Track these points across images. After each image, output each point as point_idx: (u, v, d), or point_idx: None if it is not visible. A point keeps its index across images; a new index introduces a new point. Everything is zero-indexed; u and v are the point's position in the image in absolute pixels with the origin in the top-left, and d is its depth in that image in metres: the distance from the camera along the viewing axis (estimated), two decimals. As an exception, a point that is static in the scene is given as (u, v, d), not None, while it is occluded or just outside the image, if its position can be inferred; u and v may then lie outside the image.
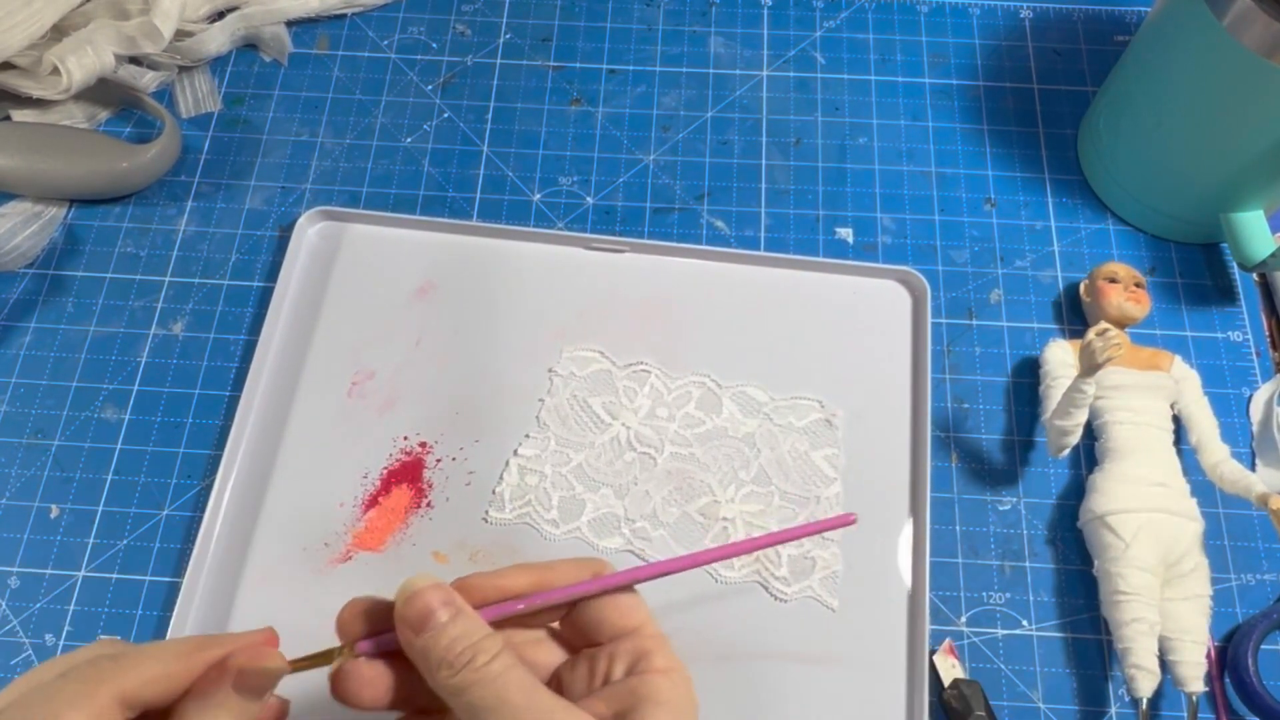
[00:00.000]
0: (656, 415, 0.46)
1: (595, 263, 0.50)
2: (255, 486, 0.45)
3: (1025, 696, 0.42)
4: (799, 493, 0.45)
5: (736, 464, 0.46)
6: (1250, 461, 0.47)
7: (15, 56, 0.52)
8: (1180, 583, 0.41)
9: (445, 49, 0.57)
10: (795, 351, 0.48)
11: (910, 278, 0.49)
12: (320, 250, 0.50)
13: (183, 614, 0.42)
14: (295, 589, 0.43)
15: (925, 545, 0.43)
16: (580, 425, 0.46)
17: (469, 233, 0.51)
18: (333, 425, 0.46)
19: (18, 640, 0.42)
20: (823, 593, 0.43)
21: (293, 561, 0.43)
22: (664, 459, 0.46)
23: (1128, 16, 0.59)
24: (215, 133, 0.54)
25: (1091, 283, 0.48)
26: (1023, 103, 0.56)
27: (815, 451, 0.46)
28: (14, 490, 0.45)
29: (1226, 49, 0.42)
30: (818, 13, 0.59)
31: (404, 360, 0.48)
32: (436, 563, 0.43)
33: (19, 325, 0.49)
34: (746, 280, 0.50)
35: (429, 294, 0.49)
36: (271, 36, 0.56)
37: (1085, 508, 0.44)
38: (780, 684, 0.41)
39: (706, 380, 0.47)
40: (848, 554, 0.44)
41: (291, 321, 0.48)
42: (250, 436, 0.46)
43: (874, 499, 0.45)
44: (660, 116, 0.55)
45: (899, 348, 0.48)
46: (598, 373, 0.47)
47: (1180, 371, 0.46)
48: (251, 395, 0.46)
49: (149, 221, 0.52)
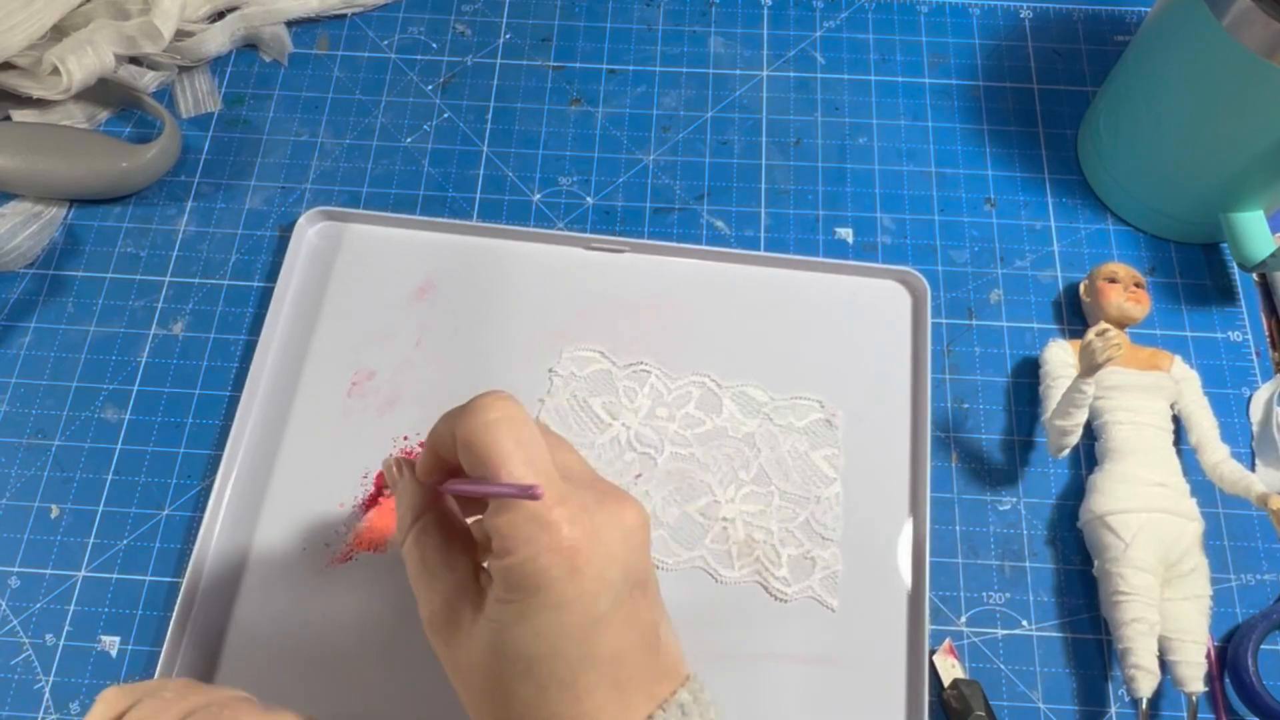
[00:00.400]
0: (656, 415, 0.46)
1: (595, 263, 0.50)
2: (256, 487, 0.45)
3: (1025, 696, 0.42)
4: (799, 493, 0.45)
5: (736, 464, 0.46)
6: (1250, 461, 0.47)
7: (15, 56, 0.52)
8: (1180, 583, 0.41)
9: (445, 49, 0.57)
10: (795, 352, 0.48)
11: (910, 278, 0.49)
12: (320, 250, 0.50)
13: (182, 615, 0.42)
14: (296, 589, 0.43)
15: (925, 545, 0.43)
16: (580, 425, 0.46)
17: (469, 233, 0.51)
18: (333, 425, 0.46)
19: (18, 640, 0.42)
20: (823, 593, 0.43)
21: (293, 562, 0.43)
22: (664, 459, 0.46)
23: (1128, 16, 0.59)
24: (215, 133, 0.54)
25: (1091, 283, 0.48)
26: (1023, 103, 0.56)
27: (815, 451, 0.46)
28: (14, 490, 0.45)
29: (1226, 49, 0.42)
30: (818, 13, 0.59)
31: (404, 360, 0.48)
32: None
33: (19, 325, 0.49)
34: (746, 280, 0.50)
35: (429, 294, 0.49)
36: (271, 36, 0.56)
37: (1085, 508, 0.44)
38: (780, 684, 0.41)
39: (706, 380, 0.47)
40: (848, 554, 0.44)
41: (292, 322, 0.48)
42: (250, 437, 0.46)
43: (874, 499, 0.45)
44: (660, 116, 0.55)
45: (899, 348, 0.48)
46: (597, 373, 0.47)
47: (1180, 372, 0.46)
48: (252, 395, 0.46)
49: (149, 221, 0.52)
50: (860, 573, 0.43)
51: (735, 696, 0.41)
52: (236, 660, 0.42)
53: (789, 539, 0.44)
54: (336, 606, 0.43)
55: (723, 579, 0.43)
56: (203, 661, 0.41)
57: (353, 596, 0.43)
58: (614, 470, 0.45)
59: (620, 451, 0.46)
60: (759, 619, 0.43)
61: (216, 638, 0.42)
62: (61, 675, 0.42)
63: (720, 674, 0.41)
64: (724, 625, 0.42)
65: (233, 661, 0.42)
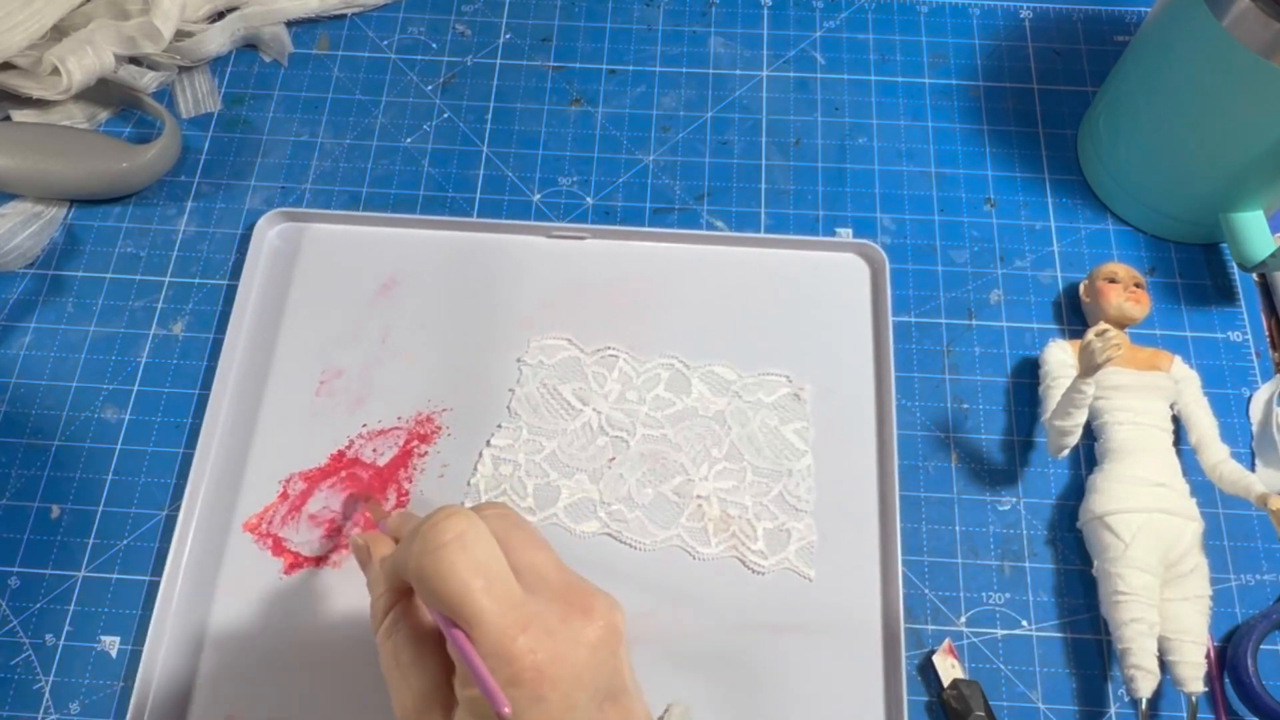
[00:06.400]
0: (627, 399, 0.47)
1: (557, 251, 0.50)
2: (228, 488, 0.45)
3: (1025, 696, 0.42)
4: (771, 467, 0.45)
5: (708, 442, 0.46)
6: (1250, 462, 0.47)
7: (15, 56, 0.52)
8: (1180, 583, 0.41)
9: (445, 49, 0.57)
10: (760, 329, 0.49)
11: (868, 250, 0.50)
12: (281, 251, 0.50)
13: (160, 621, 0.42)
14: (271, 590, 0.43)
15: (895, 510, 0.44)
16: (551, 413, 0.47)
17: (431, 227, 0.51)
18: (303, 424, 0.46)
19: (17, 640, 0.42)
20: (799, 564, 0.44)
21: (268, 563, 0.44)
22: (636, 441, 0.46)
23: (1128, 16, 0.59)
24: (215, 133, 0.54)
25: (1091, 283, 0.48)
26: (1023, 103, 0.56)
27: (785, 426, 0.46)
28: (14, 490, 0.45)
29: (1226, 49, 0.42)
30: (818, 13, 0.59)
31: (371, 358, 0.48)
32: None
33: (19, 325, 0.49)
34: (709, 260, 0.50)
35: (393, 290, 0.49)
36: (271, 36, 0.56)
37: (1085, 508, 0.44)
38: (762, 654, 0.42)
39: (674, 362, 0.48)
40: (822, 524, 0.44)
41: (257, 324, 0.48)
42: (221, 438, 0.46)
43: (845, 469, 0.46)
44: (660, 116, 0.55)
45: (861, 319, 0.49)
46: (566, 360, 0.48)
47: (1180, 372, 0.46)
48: (220, 398, 0.46)
49: (149, 221, 0.52)
50: (835, 542, 0.44)
51: (717, 669, 0.42)
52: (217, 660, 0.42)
53: (763, 513, 0.44)
54: (312, 607, 0.43)
55: (700, 556, 0.44)
56: (184, 660, 0.42)
57: (327, 595, 0.43)
58: (587, 455, 0.46)
59: (593, 436, 0.46)
60: (737, 593, 0.43)
61: (195, 638, 0.42)
62: (61, 675, 0.42)
63: (702, 649, 0.42)
64: (703, 601, 0.43)
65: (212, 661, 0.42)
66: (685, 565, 0.44)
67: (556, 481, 0.45)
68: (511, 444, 0.46)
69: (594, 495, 0.45)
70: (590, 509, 0.45)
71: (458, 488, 0.45)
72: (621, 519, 0.44)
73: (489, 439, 0.46)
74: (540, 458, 0.46)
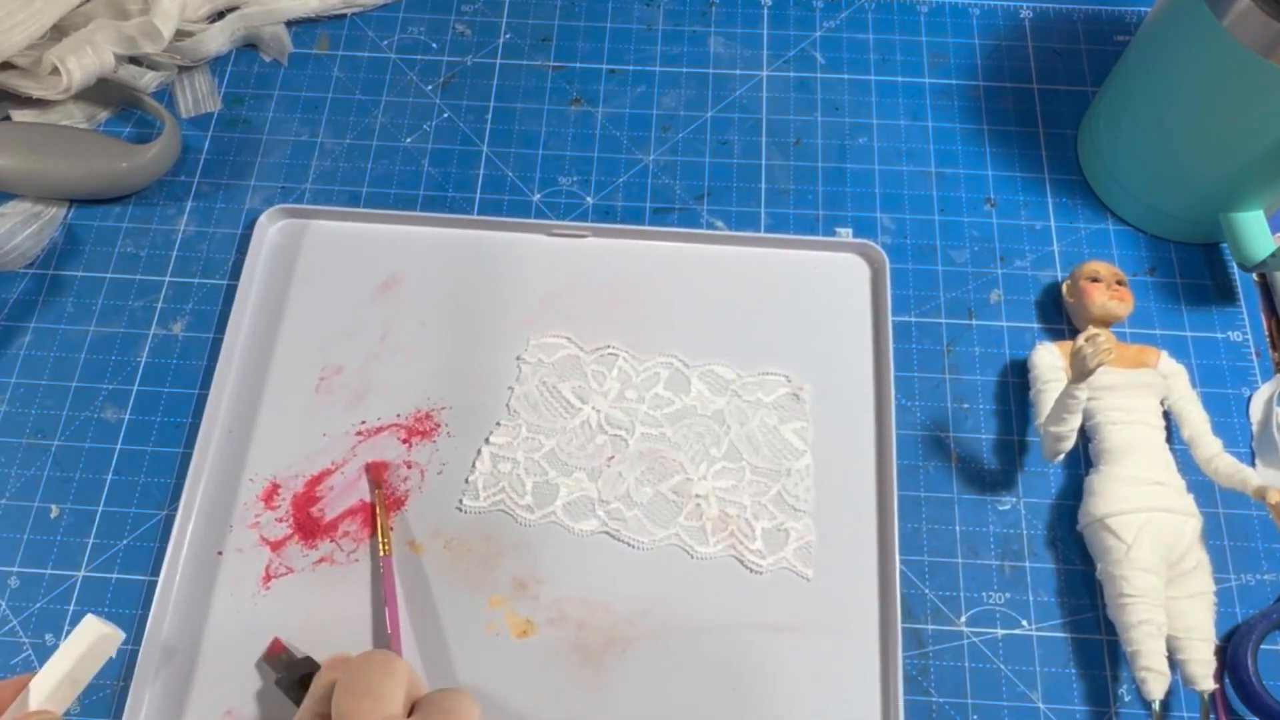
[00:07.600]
0: (626, 397, 0.47)
1: (557, 249, 0.50)
2: (228, 487, 0.45)
3: (1025, 696, 0.42)
4: (770, 466, 0.45)
5: (707, 441, 0.46)
6: (1250, 462, 0.47)
7: (15, 56, 0.52)
8: (1183, 580, 0.41)
9: (445, 49, 0.57)
10: (760, 328, 0.49)
11: (869, 250, 0.50)
12: (283, 248, 0.50)
13: (159, 621, 0.42)
14: (271, 590, 0.43)
15: (893, 510, 0.44)
16: (550, 411, 0.47)
17: (432, 224, 0.51)
18: (302, 421, 0.46)
19: (17, 640, 0.42)
20: (797, 563, 0.44)
21: (268, 562, 0.44)
22: (635, 440, 0.46)
23: (1128, 16, 0.59)
24: (215, 133, 0.54)
25: (1074, 283, 0.48)
26: (1023, 103, 0.56)
27: (784, 425, 0.46)
28: (14, 490, 0.45)
29: (1226, 49, 0.42)
30: (818, 13, 0.59)
31: (371, 355, 0.48)
32: (412, 553, 0.44)
33: (19, 325, 0.49)
34: (709, 260, 0.50)
35: (394, 288, 0.49)
36: (271, 36, 0.56)
37: (1084, 511, 0.43)
38: (759, 654, 0.42)
39: (674, 360, 0.48)
40: (820, 524, 0.44)
41: (257, 320, 0.49)
42: (220, 436, 0.46)
43: (844, 469, 0.46)
44: (660, 116, 0.55)
45: (861, 319, 0.49)
46: (566, 358, 0.48)
47: (1167, 367, 0.46)
48: (219, 394, 0.46)
49: (149, 221, 0.52)
50: (833, 542, 0.44)
51: (714, 668, 0.42)
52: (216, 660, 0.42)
53: (762, 512, 0.44)
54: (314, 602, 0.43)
55: (698, 555, 0.44)
56: (183, 660, 0.42)
57: (326, 594, 0.43)
58: (586, 453, 0.46)
59: (591, 435, 0.46)
60: (735, 592, 0.43)
61: (195, 638, 0.42)
62: (61, 675, 0.42)
63: (699, 648, 0.42)
64: (701, 600, 0.43)
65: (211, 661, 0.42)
66: (683, 564, 0.44)
67: (555, 480, 0.45)
68: (510, 442, 0.46)
69: (592, 494, 0.45)
70: (589, 507, 0.45)
71: (456, 485, 0.45)
72: (620, 517, 0.44)
73: (488, 437, 0.46)
74: (539, 456, 0.46)
